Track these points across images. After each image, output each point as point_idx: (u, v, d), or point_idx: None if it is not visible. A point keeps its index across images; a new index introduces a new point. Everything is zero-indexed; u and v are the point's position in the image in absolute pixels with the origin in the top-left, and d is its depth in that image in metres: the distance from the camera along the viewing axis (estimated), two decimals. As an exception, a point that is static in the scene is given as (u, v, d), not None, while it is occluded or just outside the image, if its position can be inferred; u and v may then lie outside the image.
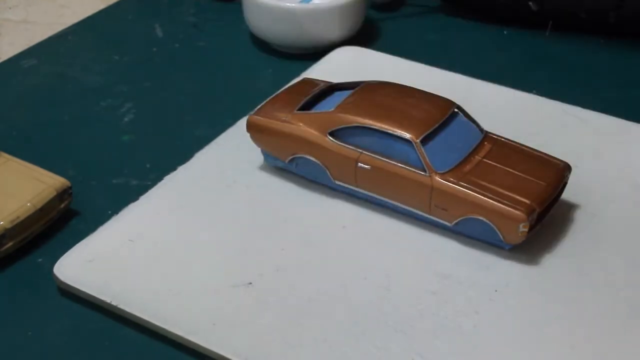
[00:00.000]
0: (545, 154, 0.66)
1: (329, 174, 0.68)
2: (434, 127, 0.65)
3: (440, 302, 0.60)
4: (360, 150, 0.66)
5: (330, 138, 0.67)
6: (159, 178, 0.72)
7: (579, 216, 0.67)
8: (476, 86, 0.81)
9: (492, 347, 0.57)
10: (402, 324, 0.59)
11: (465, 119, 0.67)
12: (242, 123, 0.74)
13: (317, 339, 0.58)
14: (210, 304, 0.60)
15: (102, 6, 1.00)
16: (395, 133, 0.64)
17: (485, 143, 0.66)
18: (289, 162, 0.70)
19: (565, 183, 0.66)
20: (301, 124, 0.68)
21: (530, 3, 0.89)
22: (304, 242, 0.65)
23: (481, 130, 0.67)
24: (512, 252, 0.64)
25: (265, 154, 0.71)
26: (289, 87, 0.75)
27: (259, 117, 0.70)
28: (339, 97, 0.69)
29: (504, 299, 0.61)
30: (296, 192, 0.70)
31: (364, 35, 0.91)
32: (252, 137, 0.71)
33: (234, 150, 0.74)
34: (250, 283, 0.62)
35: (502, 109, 0.77)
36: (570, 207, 0.68)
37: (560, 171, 0.65)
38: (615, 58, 0.88)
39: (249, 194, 0.70)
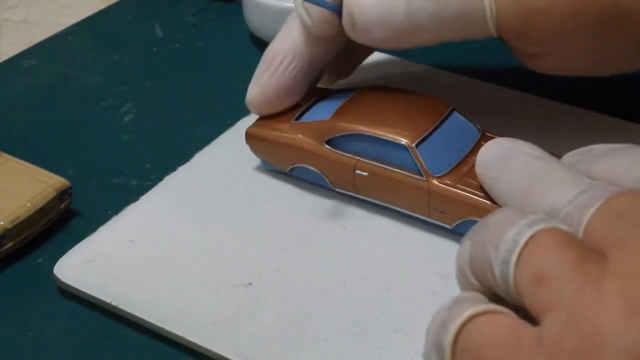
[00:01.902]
0: (545, 154, 0.66)
1: (328, 182, 0.67)
2: (430, 130, 0.64)
3: (441, 302, 0.60)
4: (358, 158, 0.65)
5: (327, 146, 0.67)
6: (159, 178, 0.72)
7: (578, 216, 0.67)
8: (476, 86, 0.81)
9: (491, 347, 0.57)
10: (402, 324, 0.59)
11: (462, 118, 0.67)
12: (242, 123, 0.74)
13: (317, 339, 0.58)
14: (210, 304, 0.60)
15: (102, 6, 0.99)
16: (390, 139, 0.64)
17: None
18: (289, 172, 0.69)
19: (565, 183, 0.66)
20: (299, 135, 0.68)
21: (530, 3, 0.89)
22: (304, 242, 0.65)
23: (478, 129, 0.67)
24: (512, 252, 0.64)
25: (265, 162, 0.71)
26: None
27: (257, 129, 0.70)
28: (334, 103, 0.68)
29: (504, 299, 0.61)
30: (296, 193, 0.70)
31: (364, 35, 0.91)
32: (251, 148, 0.71)
33: (234, 150, 0.74)
34: (250, 283, 0.62)
35: (502, 109, 0.77)
36: (570, 207, 0.68)
37: (560, 171, 0.65)
38: (615, 58, 0.88)
39: (249, 194, 0.70)
